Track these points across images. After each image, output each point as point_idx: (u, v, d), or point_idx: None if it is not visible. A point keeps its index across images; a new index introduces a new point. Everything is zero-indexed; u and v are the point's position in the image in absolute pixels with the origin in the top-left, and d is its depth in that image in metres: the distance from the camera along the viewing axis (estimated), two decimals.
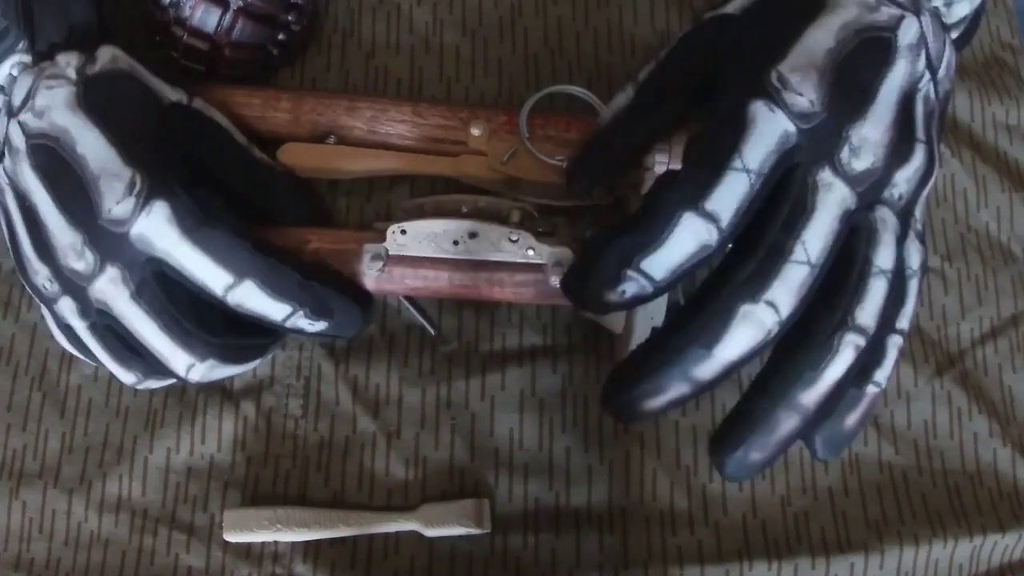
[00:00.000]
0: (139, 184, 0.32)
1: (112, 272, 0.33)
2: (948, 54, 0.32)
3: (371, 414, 0.39)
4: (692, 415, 0.39)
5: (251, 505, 0.38)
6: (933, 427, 0.41)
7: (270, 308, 0.33)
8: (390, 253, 0.36)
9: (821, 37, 0.30)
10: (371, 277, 0.36)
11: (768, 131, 0.29)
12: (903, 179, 0.30)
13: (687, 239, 0.28)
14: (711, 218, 0.28)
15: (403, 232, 0.36)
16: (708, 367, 0.28)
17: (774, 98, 0.29)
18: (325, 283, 0.34)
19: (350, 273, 0.36)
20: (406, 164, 0.40)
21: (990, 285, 0.43)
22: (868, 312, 0.29)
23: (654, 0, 0.43)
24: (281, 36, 0.40)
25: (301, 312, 0.34)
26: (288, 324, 0.34)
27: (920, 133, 0.30)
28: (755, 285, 0.28)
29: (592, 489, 0.39)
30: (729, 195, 0.28)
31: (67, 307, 0.34)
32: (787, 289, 0.28)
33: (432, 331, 0.40)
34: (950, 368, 0.42)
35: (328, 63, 0.42)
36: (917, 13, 0.31)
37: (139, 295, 0.33)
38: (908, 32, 0.31)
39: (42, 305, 0.35)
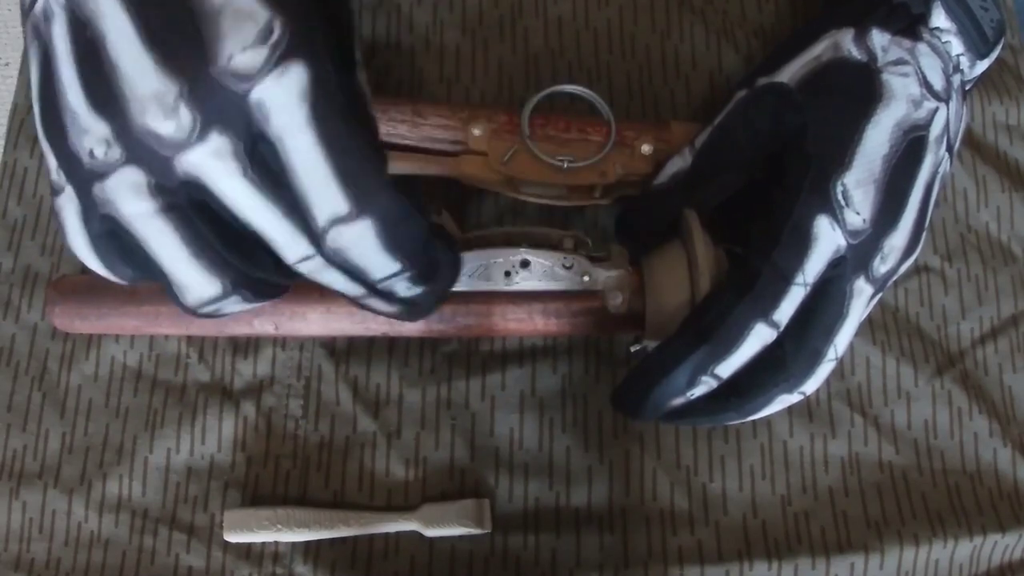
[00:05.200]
0: (277, 33, 0.23)
1: (219, 142, 0.24)
2: (965, 117, 0.35)
3: (371, 414, 0.39)
4: None
5: (251, 505, 0.38)
6: (933, 427, 0.41)
7: (374, 261, 0.26)
8: None
9: (878, 140, 0.32)
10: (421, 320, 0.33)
11: (826, 248, 0.32)
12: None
13: (755, 343, 0.32)
14: (775, 324, 0.32)
15: None
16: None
17: (836, 215, 0.32)
18: (442, 242, 0.29)
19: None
20: (406, 164, 0.40)
21: (990, 285, 0.43)
22: None
23: (654, 0, 0.43)
24: None
25: (408, 274, 0.27)
26: (381, 286, 0.27)
27: (926, 225, 0.34)
28: (793, 381, 0.32)
29: (592, 489, 0.39)
30: (790, 305, 0.32)
31: (130, 182, 0.24)
32: (817, 382, 0.33)
33: None
34: (950, 368, 0.42)
35: None
36: (948, 100, 0.34)
37: (253, 172, 0.24)
38: (937, 124, 0.33)
39: (67, 189, 0.25)
